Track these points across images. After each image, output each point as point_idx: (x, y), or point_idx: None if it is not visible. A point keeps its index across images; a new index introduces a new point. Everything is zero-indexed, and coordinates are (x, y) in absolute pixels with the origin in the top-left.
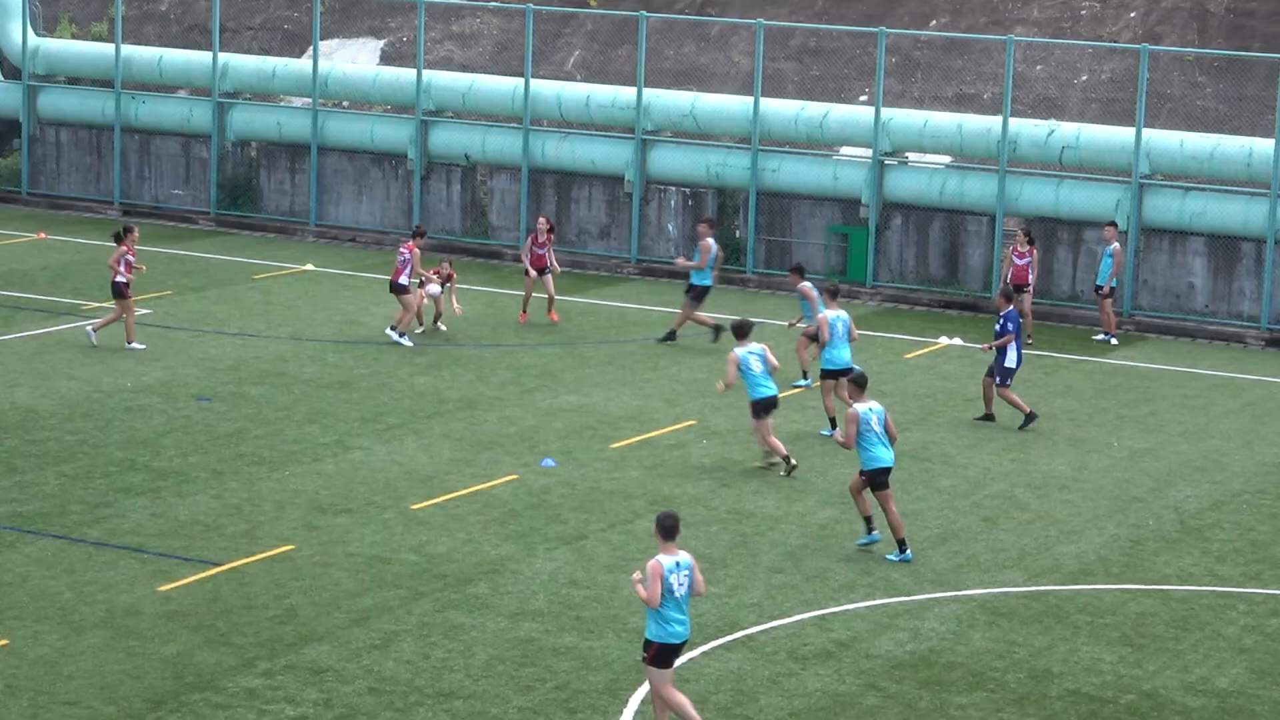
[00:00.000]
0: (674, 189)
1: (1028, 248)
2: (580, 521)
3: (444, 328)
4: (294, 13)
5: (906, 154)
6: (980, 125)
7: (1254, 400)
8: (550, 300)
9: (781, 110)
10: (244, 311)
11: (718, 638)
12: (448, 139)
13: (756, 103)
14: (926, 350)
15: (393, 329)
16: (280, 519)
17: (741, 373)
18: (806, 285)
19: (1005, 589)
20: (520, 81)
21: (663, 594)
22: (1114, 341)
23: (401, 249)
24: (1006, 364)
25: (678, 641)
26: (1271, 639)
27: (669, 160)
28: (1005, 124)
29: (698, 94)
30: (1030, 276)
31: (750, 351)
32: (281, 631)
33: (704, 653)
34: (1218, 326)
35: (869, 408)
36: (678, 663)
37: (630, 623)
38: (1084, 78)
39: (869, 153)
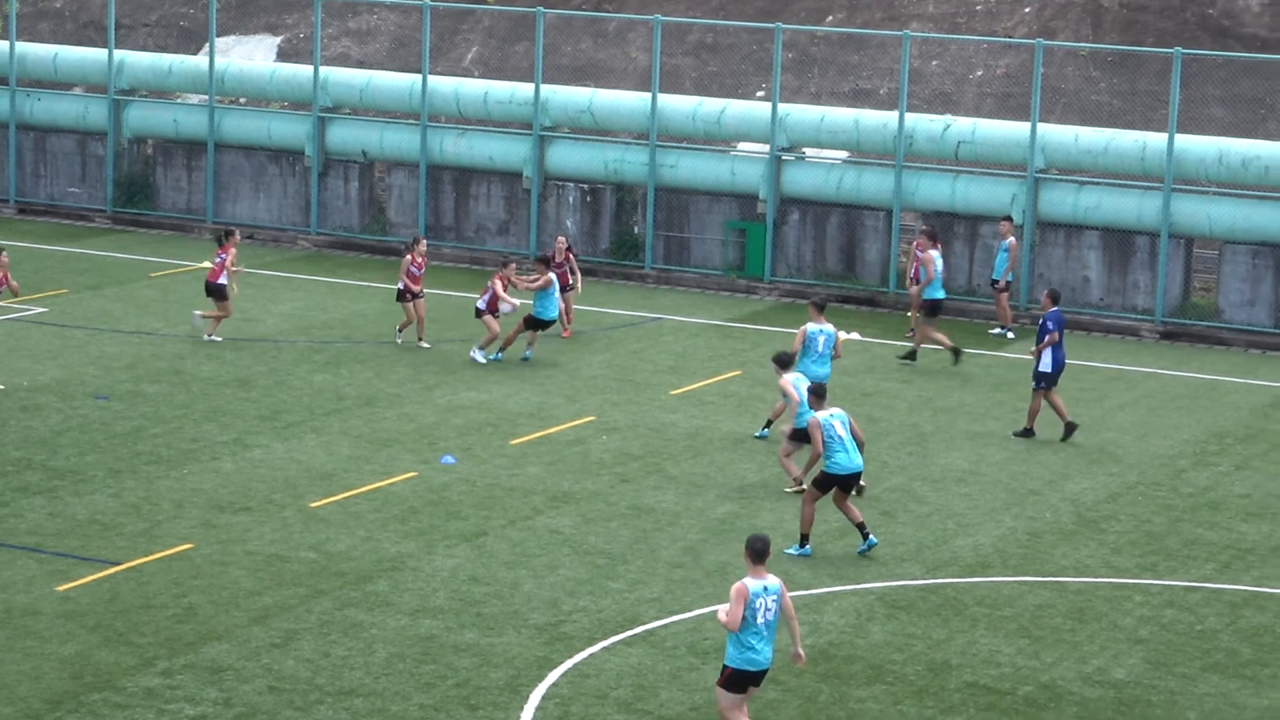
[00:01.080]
0: (572, 185)
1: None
2: (480, 518)
3: (400, 340)
4: (190, 9)
5: (804, 149)
6: (877, 120)
7: (1149, 392)
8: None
9: (679, 106)
10: (141, 310)
11: (618, 633)
12: (345, 135)
13: (654, 99)
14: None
15: (479, 349)
16: (179, 518)
17: (787, 398)
18: (931, 255)
19: (903, 582)
20: (418, 78)
21: (746, 618)
22: (1010, 335)
23: (496, 280)
24: (1041, 368)
25: (755, 669)
26: (1167, 629)
27: (567, 156)
28: (901, 119)
29: (595, 90)
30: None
31: (800, 379)
32: (180, 630)
33: (604, 648)
34: (1112, 319)
35: (830, 414)
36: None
37: (531, 619)
38: (979, 73)
39: (766, 148)
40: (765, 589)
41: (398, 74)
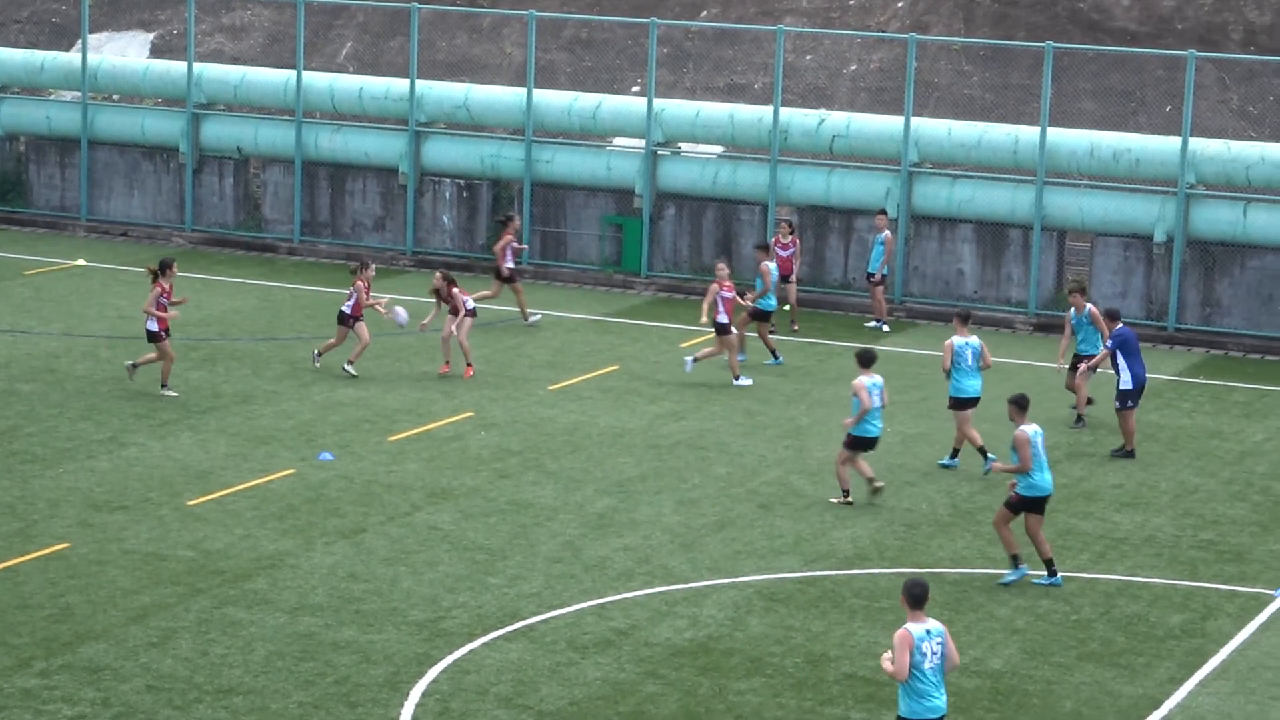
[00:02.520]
0: (449, 181)
1: (790, 238)
2: (359, 515)
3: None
4: (62, 5)
5: (679, 144)
6: (752, 115)
7: (1023, 384)
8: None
9: (555, 101)
10: (15, 308)
11: (498, 628)
12: (220, 132)
13: (530, 94)
14: (702, 339)
15: (737, 378)
16: (55, 517)
17: (858, 400)
18: (1095, 309)
19: (782, 575)
20: (292, 74)
21: (914, 665)
22: (886, 329)
23: (720, 287)
24: (1121, 386)
25: (934, 718)
26: (1042, 620)
27: (443, 152)
28: (776, 114)
29: (471, 85)
30: (794, 266)
31: (875, 383)
32: (57, 630)
33: (484, 644)
34: (987, 312)
35: (1034, 430)
36: None
37: (410, 615)
38: (853, 67)
39: (642, 143)
40: (928, 633)
41: (272, 70)
